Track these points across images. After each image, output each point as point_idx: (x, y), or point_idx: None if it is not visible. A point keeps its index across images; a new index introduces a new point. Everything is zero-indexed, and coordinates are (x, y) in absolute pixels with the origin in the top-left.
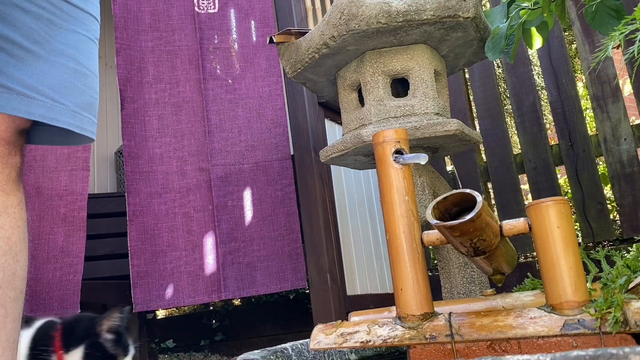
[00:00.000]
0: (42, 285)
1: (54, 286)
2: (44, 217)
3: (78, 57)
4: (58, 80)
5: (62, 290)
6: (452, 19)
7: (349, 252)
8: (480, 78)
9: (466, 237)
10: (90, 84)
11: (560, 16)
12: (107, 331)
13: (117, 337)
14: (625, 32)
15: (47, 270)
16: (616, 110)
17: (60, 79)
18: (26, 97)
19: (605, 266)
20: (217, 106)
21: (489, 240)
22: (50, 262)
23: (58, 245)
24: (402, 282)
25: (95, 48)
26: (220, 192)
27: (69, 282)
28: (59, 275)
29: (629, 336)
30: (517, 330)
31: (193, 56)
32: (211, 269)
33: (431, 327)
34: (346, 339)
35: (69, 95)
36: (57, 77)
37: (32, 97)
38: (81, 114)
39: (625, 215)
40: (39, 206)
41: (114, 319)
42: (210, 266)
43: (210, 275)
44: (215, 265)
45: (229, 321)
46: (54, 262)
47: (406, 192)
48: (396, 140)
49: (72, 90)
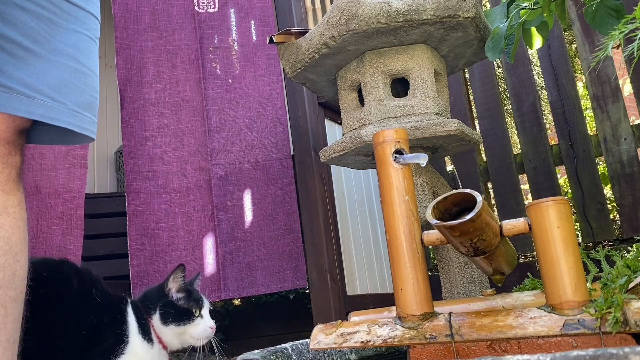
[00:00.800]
0: None
1: None
2: (42, 215)
3: (78, 56)
4: (58, 80)
5: None
6: (452, 18)
7: (349, 252)
8: (480, 78)
9: (466, 237)
10: (90, 83)
11: (560, 16)
12: (176, 291)
13: (186, 294)
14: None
15: None
16: (616, 110)
17: (60, 78)
18: (26, 96)
19: (605, 266)
20: (217, 105)
21: (489, 240)
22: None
23: (55, 244)
24: (402, 282)
25: (96, 47)
26: (220, 191)
27: None
28: None
29: (629, 336)
30: (517, 330)
31: (193, 56)
32: (211, 269)
33: (431, 327)
34: (346, 339)
35: (69, 94)
36: (58, 76)
37: (32, 96)
38: (81, 113)
39: (625, 215)
40: (36, 204)
41: (178, 278)
42: (210, 266)
43: (210, 275)
44: (215, 265)
45: (229, 321)
46: None
47: (406, 192)
48: (396, 140)
49: (72, 90)
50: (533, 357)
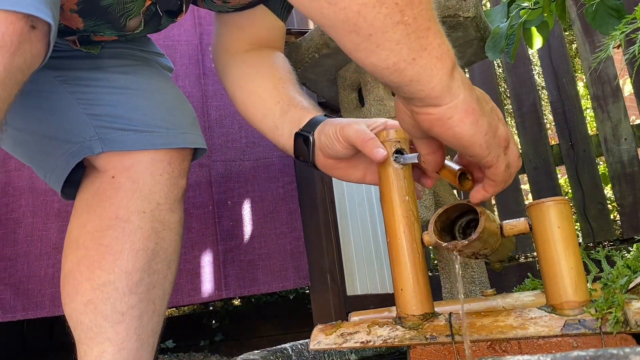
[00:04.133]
0: (34, 282)
1: (46, 283)
2: (37, 212)
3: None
4: (192, 115)
5: (55, 287)
6: (452, 18)
7: (349, 252)
8: (480, 78)
9: (470, 250)
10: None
11: (561, 16)
12: None
13: None
14: (626, 31)
15: (39, 267)
16: (616, 110)
17: (190, 112)
18: (185, 134)
19: (606, 266)
20: (217, 102)
21: (490, 247)
22: (42, 259)
23: (51, 242)
24: (402, 283)
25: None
26: (221, 188)
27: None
28: (51, 272)
29: (630, 336)
30: (517, 330)
31: (193, 52)
32: (211, 267)
33: (431, 327)
34: (346, 340)
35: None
36: (191, 113)
37: (186, 133)
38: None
39: (626, 215)
40: (32, 201)
41: None
42: (210, 264)
43: (210, 273)
44: (215, 264)
45: (229, 321)
46: (47, 258)
47: (406, 192)
48: (396, 140)
49: (192, 116)
50: (533, 357)
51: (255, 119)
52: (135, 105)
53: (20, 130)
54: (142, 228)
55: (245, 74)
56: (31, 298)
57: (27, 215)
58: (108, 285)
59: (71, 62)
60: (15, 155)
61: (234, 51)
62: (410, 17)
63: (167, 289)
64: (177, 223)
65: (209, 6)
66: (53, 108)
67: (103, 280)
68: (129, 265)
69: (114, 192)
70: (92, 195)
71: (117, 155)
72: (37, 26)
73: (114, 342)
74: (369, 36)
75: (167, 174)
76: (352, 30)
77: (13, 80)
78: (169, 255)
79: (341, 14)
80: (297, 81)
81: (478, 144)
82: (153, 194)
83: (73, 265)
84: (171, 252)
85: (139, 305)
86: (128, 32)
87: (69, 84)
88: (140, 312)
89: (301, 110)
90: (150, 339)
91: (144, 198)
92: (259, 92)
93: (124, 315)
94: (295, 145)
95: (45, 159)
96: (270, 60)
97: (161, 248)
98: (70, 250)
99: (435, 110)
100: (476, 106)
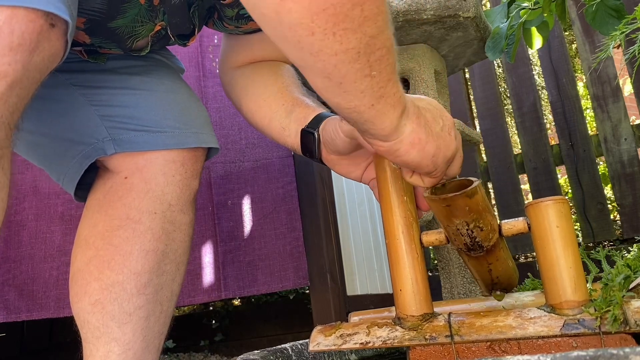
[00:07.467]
0: (38, 284)
1: (50, 285)
2: (41, 215)
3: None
4: (204, 114)
5: (59, 289)
6: (452, 18)
7: (349, 252)
8: (480, 78)
9: (461, 218)
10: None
11: (561, 16)
12: None
13: None
14: (626, 31)
15: (43, 269)
16: (616, 110)
17: (202, 112)
18: (198, 133)
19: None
20: (217, 104)
21: (486, 230)
22: (47, 261)
23: (55, 244)
24: (402, 283)
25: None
26: (220, 189)
27: (66, 281)
28: (55, 274)
29: (629, 336)
30: (517, 330)
31: (192, 54)
32: (211, 268)
33: (431, 327)
34: (346, 340)
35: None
36: (203, 113)
37: (199, 132)
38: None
39: (626, 215)
40: (36, 204)
41: None
42: (210, 265)
43: (210, 274)
44: (215, 264)
45: (228, 321)
46: (51, 261)
47: (405, 192)
48: None
49: (205, 116)
50: (533, 357)
51: (262, 124)
52: (147, 105)
53: (33, 133)
54: (153, 229)
55: (250, 82)
56: (36, 300)
57: (30, 218)
58: (116, 285)
59: (81, 65)
60: (28, 158)
61: (240, 65)
62: (377, 71)
63: (175, 291)
64: (188, 224)
65: (219, 29)
66: (65, 110)
67: (112, 281)
68: (138, 266)
69: (126, 192)
70: (103, 196)
71: (129, 156)
72: (57, 24)
73: (120, 343)
74: (340, 84)
75: (180, 175)
76: (325, 77)
77: (31, 79)
78: (179, 256)
79: (320, 64)
80: (303, 85)
81: (425, 165)
82: (165, 194)
83: (82, 264)
84: (181, 254)
85: (147, 306)
86: (134, 51)
87: (80, 85)
88: (147, 313)
89: (306, 109)
90: (156, 340)
91: (155, 199)
92: (264, 97)
93: (131, 315)
94: (301, 141)
95: (58, 161)
96: (275, 69)
97: (171, 249)
98: (80, 249)
99: (384, 144)
100: (423, 136)
